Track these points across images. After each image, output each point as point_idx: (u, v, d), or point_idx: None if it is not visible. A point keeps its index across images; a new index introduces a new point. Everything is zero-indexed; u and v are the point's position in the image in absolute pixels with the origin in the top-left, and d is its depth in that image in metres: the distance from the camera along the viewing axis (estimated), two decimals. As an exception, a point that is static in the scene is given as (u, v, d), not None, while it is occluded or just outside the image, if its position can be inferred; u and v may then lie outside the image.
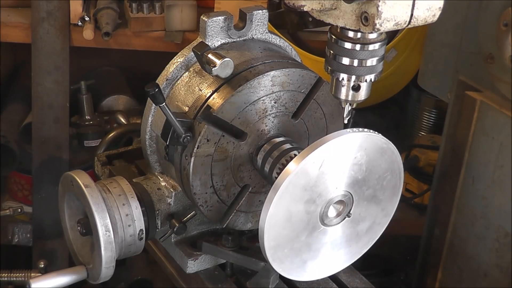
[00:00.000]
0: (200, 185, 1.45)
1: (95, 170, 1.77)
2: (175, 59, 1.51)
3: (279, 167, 1.41)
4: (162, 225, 1.51)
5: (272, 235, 1.32)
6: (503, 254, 1.74)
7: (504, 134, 1.68)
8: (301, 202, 1.31)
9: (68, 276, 1.46)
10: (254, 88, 1.42)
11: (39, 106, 2.46)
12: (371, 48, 1.27)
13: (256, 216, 1.55)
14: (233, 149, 1.46)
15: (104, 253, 1.39)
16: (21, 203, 2.68)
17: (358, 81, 1.30)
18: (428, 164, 2.38)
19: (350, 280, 1.55)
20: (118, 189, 1.46)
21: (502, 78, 1.68)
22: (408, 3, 1.20)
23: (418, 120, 2.68)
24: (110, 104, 2.82)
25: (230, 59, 1.40)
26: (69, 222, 1.51)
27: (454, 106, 1.84)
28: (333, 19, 1.25)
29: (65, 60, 2.43)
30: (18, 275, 2.34)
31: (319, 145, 1.27)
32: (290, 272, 1.40)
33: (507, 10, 1.63)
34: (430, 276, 1.97)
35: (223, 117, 1.41)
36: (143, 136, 1.55)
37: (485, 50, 1.71)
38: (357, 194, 1.37)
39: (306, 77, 1.48)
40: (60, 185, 1.49)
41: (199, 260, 1.53)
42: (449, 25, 1.85)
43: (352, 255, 1.46)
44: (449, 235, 1.88)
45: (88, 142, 2.65)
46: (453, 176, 1.84)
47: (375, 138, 1.32)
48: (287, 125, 1.50)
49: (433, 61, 1.96)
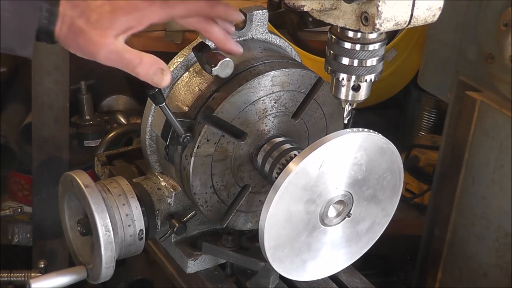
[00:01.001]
0: (200, 185, 1.45)
1: (95, 170, 1.77)
2: (175, 59, 1.51)
3: (279, 167, 1.41)
4: (162, 225, 1.51)
5: (272, 235, 1.32)
6: (503, 254, 1.74)
7: (504, 134, 1.68)
8: (301, 202, 1.31)
9: (68, 276, 1.46)
10: (254, 88, 1.42)
11: (39, 106, 2.46)
12: (371, 48, 1.27)
13: (256, 216, 1.55)
14: (233, 149, 1.46)
15: (104, 253, 1.39)
16: (21, 203, 2.68)
17: (358, 81, 1.30)
18: (428, 164, 2.38)
19: (350, 280, 1.55)
20: (118, 189, 1.46)
21: (502, 78, 1.68)
22: (408, 3, 1.20)
23: (418, 120, 2.68)
24: (110, 104, 2.82)
25: (230, 59, 1.40)
26: (69, 222, 1.51)
27: (454, 106, 1.84)
28: (333, 19, 1.25)
29: (65, 60, 2.43)
30: (18, 275, 2.34)
31: (319, 145, 1.27)
32: (290, 272, 1.40)
33: (507, 10, 1.63)
34: (430, 276, 1.97)
35: (223, 117, 1.41)
36: (143, 136, 1.55)
37: (485, 50, 1.71)
38: (357, 194, 1.37)
39: (306, 77, 1.48)
40: (60, 185, 1.49)
41: (199, 260, 1.53)
42: (449, 25, 1.85)
43: (352, 255, 1.47)
44: (449, 235, 1.88)
45: (88, 142, 2.65)
46: (453, 176, 1.84)
47: (375, 138, 1.32)
48: (287, 125, 1.50)
49: (433, 61, 1.96)
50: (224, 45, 1.39)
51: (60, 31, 1.22)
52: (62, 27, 1.22)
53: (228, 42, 1.39)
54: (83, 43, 1.23)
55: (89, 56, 1.26)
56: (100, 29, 1.22)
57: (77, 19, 1.22)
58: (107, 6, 1.23)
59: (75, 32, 1.22)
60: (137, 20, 1.25)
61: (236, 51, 1.40)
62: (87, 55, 1.25)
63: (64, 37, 1.23)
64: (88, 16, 1.22)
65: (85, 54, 1.25)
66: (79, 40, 1.23)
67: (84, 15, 1.22)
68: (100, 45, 1.23)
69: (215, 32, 1.37)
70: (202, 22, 1.35)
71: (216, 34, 1.37)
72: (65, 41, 1.24)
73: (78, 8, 1.22)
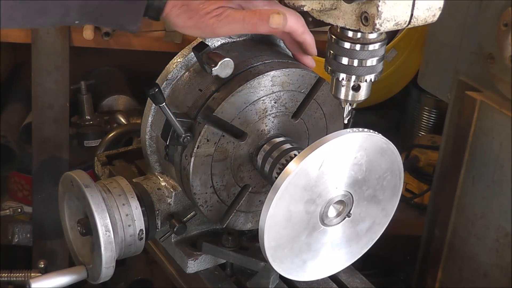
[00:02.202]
0: (200, 185, 1.45)
1: (95, 170, 1.77)
2: (175, 59, 1.51)
3: (279, 167, 1.41)
4: (162, 225, 1.51)
5: (272, 235, 1.32)
6: (503, 254, 1.74)
7: (504, 134, 1.68)
8: (301, 202, 1.31)
9: (68, 276, 1.46)
10: (254, 88, 1.42)
11: (39, 106, 2.47)
12: (371, 48, 1.27)
13: (256, 216, 1.55)
14: (233, 149, 1.46)
15: (104, 253, 1.39)
16: (21, 203, 2.68)
17: (358, 81, 1.30)
18: (428, 164, 2.38)
19: (350, 280, 1.55)
20: (118, 189, 1.46)
21: (502, 78, 1.68)
22: (408, 3, 1.20)
23: (418, 120, 2.68)
24: (110, 104, 2.82)
25: (230, 59, 1.40)
26: (69, 222, 1.51)
27: (454, 106, 1.84)
28: (333, 19, 1.25)
29: (65, 60, 2.43)
30: (18, 275, 2.35)
31: (319, 145, 1.27)
32: (290, 272, 1.40)
33: (507, 10, 1.63)
34: (430, 276, 1.97)
35: (223, 117, 1.41)
36: (143, 136, 1.55)
37: (485, 50, 1.71)
38: (357, 194, 1.37)
39: (306, 77, 1.48)
40: (60, 185, 1.49)
41: (199, 260, 1.53)
42: (449, 25, 1.85)
43: (352, 255, 1.46)
44: (449, 235, 1.88)
45: (88, 142, 2.65)
46: (453, 176, 1.84)
47: (375, 138, 1.32)
48: (287, 125, 1.50)
49: (433, 61, 1.96)
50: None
51: (171, 10, 1.27)
52: (174, 5, 1.27)
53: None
54: (201, 24, 1.28)
55: (206, 35, 1.33)
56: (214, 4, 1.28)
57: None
58: None
59: (188, 11, 1.27)
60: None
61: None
62: (205, 34, 1.33)
63: (175, 16, 1.28)
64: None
65: (203, 33, 1.32)
66: (194, 19, 1.28)
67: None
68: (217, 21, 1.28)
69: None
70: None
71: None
72: (176, 20, 1.29)
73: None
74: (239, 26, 1.31)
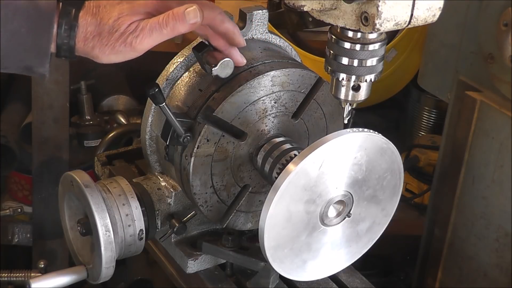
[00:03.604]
0: (200, 185, 1.45)
1: (95, 170, 1.77)
2: (175, 59, 1.51)
3: (279, 167, 1.41)
4: (162, 225, 1.51)
5: (272, 235, 1.32)
6: (503, 254, 1.74)
7: (504, 134, 1.68)
8: (301, 202, 1.31)
9: (68, 276, 1.46)
10: (254, 88, 1.42)
11: (39, 106, 2.46)
12: (371, 48, 1.27)
13: (256, 216, 1.55)
14: (233, 149, 1.46)
15: (104, 253, 1.39)
16: (21, 203, 2.68)
17: (358, 81, 1.30)
18: (428, 164, 2.37)
19: (350, 280, 1.55)
20: (118, 189, 1.46)
21: (502, 78, 1.67)
22: (408, 3, 1.20)
23: (418, 120, 2.68)
24: (110, 104, 2.82)
25: (230, 59, 1.40)
26: (69, 222, 1.51)
27: (454, 106, 1.84)
28: (333, 19, 1.25)
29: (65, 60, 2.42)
30: (18, 275, 2.35)
31: (319, 145, 1.27)
32: (290, 272, 1.40)
33: (507, 10, 1.63)
34: (430, 276, 1.97)
35: (223, 117, 1.41)
36: (143, 136, 1.55)
37: (485, 50, 1.71)
38: (357, 194, 1.37)
39: (306, 77, 1.48)
40: (60, 185, 1.49)
41: (199, 260, 1.53)
42: (449, 25, 1.85)
43: (352, 255, 1.47)
44: (449, 235, 1.88)
45: (88, 142, 2.65)
46: (453, 176, 1.84)
47: (375, 138, 1.32)
48: (287, 125, 1.50)
49: (433, 61, 1.96)
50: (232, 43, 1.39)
51: (85, 45, 1.22)
52: (85, 39, 1.22)
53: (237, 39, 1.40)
54: (119, 47, 1.23)
55: (129, 56, 1.25)
56: (125, 23, 1.23)
57: (100, 27, 1.21)
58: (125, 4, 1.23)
59: (101, 39, 1.22)
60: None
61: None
62: (127, 56, 1.25)
63: (91, 49, 1.23)
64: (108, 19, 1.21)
65: (125, 56, 1.25)
66: (110, 45, 1.23)
67: (103, 22, 1.21)
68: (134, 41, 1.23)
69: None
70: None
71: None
72: (94, 53, 1.24)
73: (97, 16, 1.22)
74: (158, 34, 1.24)
